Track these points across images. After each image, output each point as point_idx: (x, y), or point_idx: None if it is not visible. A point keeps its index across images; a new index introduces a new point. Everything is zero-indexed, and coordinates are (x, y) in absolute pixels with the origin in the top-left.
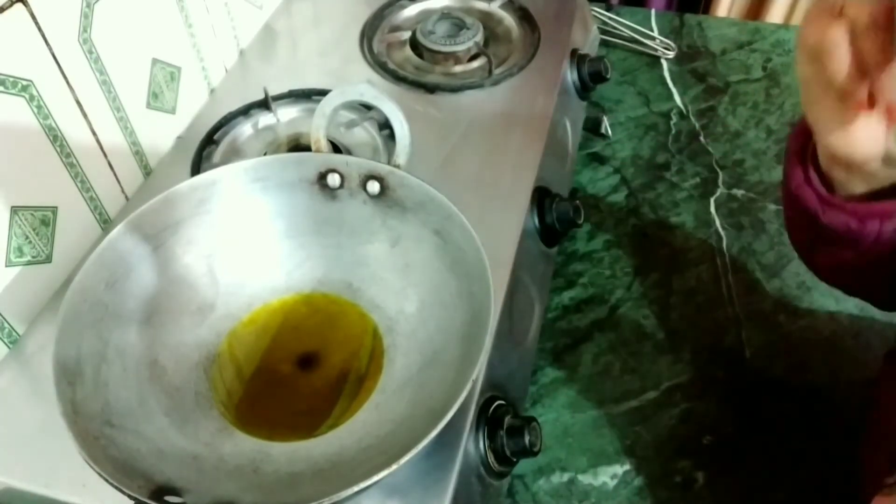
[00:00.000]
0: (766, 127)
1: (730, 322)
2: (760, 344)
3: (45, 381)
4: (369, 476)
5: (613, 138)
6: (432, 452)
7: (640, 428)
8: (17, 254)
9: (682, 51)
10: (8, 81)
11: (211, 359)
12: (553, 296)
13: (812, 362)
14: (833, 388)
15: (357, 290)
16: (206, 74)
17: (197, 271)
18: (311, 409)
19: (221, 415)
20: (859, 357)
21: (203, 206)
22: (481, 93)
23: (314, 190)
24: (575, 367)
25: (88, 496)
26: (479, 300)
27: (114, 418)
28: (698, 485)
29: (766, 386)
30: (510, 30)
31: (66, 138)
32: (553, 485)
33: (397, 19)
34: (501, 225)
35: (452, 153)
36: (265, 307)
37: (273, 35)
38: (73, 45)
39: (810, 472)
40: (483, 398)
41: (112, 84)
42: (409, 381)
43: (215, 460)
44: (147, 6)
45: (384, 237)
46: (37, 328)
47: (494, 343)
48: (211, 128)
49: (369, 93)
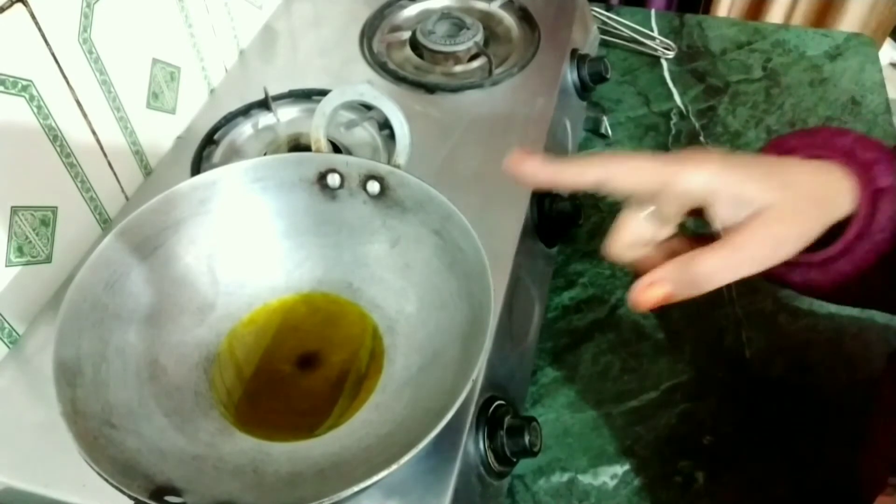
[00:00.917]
0: (766, 127)
1: (730, 322)
2: (760, 344)
3: (45, 381)
4: (369, 476)
5: (613, 138)
6: (432, 452)
7: (640, 428)
8: (17, 254)
9: (682, 51)
10: (8, 81)
11: (211, 359)
12: (553, 296)
13: (812, 362)
14: (833, 388)
15: (357, 289)
16: (206, 74)
17: (197, 271)
18: (311, 409)
19: (221, 415)
20: (859, 357)
21: (203, 205)
22: (481, 93)
23: (314, 190)
24: (575, 367)
25: (88, 496)
26: (479, 300)
27: (114, 418)
28: (698, 485)
29: (766, 386)
30: (510, 30)
31: (66, 138)
32: (553, 485)
33: (397, 19)
34: (501, 225)
35: (452, 153)
36: (265, 307)
37: (273, 35)
38: (73, 45)
39: (810, 473)
40: (483, 398)
41: (112, 84)
42: (409, 381)
43: (215, 460)
44: (147, 6)
45: (384, 237)
46: (37, 328)
47: (494, 343)
48: (211, 128)
49: (369, 93)
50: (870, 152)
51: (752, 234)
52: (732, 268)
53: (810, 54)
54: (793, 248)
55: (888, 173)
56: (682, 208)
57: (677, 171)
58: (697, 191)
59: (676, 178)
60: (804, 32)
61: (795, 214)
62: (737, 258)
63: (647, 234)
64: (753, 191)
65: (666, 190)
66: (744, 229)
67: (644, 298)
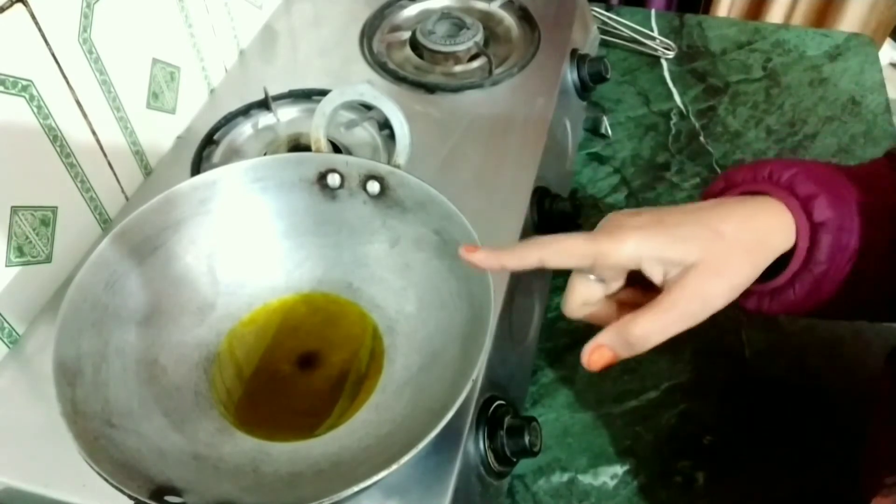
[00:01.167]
0: (766, 127)
1: (730, 322)
2: (760, 344)
3: (45, 381)
4: (369, 476)
5: (613, 138)
6: (432, 452)
7: (640, 428)
8: (17, 254)
9: (682, 51)
10: (8, 81)
11: (211, 359)
12: (553, 296)
13: (812, 362)
14: (833, 388)
15: (357, 289)
16: (206, 74)
17: (197, 271)
18: (311, 409)
19: (221, 415)
20: (859, 357)
21: (203, 205)
22: (481, 93)
23: (314, 190)
24: (575, 367)
25: (88, 496)
26: (479, 300)
27: (114, 418)
28: (698, 485)
29: (766, 386)
30: (510, 30)
31: (66, 138)
32: (553, 485)
33: (397, 19)
34: (501, 225)
35: (452, 153)
36: (265, 307)
37: (273, 35)
38: (73, 45)
39: (810, 472)
40: (483, 398)
41: (112, 84)
42: (409, 381)
43: (215, 460)
44: (147, 6)
45: (384, 237)
46: (37, 328)
47: (494, 343)
48: (211, 128)
49: (369, 93)
50: (809, 186)
51: (681, 292)
52: (663, 329)
53: (810, 54)
54: (723, 300)
55: (826, 206)
56: (619, 274)
57: (603, 249)
58: (626, 261)
59: (603, 254)
60: (804, 32)
61: (726, 266)
62: (666, 318)
63: (597, 293)
64: (679, 253)
65: (598, 263)
66: (675, 287)
67: (592, 361)
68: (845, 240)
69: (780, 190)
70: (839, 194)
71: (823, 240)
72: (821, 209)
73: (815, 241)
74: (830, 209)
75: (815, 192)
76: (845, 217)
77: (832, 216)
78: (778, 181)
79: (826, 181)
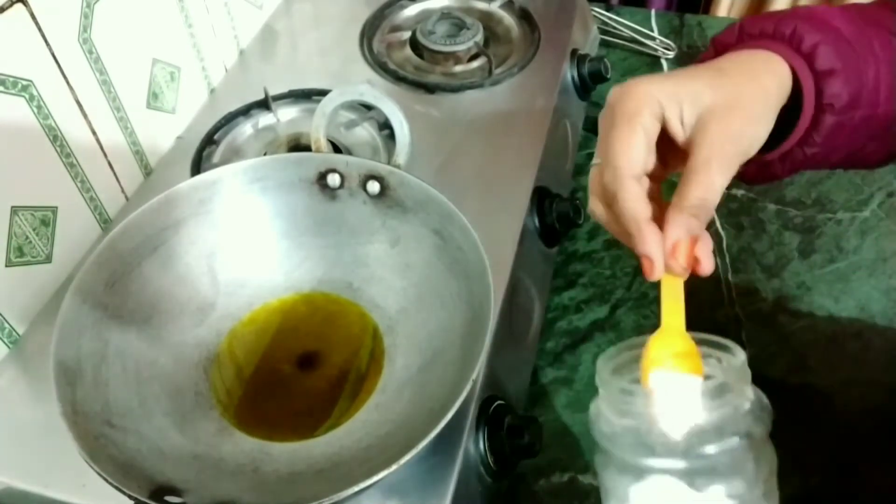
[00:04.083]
0: None
1: (730, 322)
2: (760, 344)
3: (45, 381)
4: (369, 476)
5: None
6: (432, 452)
7: None
8: (17, 254)
9: (682, 51)
10: (8, 81)
11: (211, 359)
12: (553, 296)
13: (812, 362)
14: (833, 388)
15: (357, 289)
16: (206, 74)
17: (197, 271)
18: (311, 409)
19: (221, 415)
20: (859, 357)
21: (203, 205)
22: (481, 93)
23: (314, 190)
24: (575, 367)
25: (88, 496)
26: (479, 300)
27: (114, 418)
28: None
29: (766, 386)
30: (510, 30)
31: (66, 138)
32: (553, 485)
33: (397, 19)
34: (501, 225)
35: (452, 153)
36: (265, 307)
37: (273, 35)
38: (73, 45)
39: (810, 472)
40: (483, 398)
41: (112, 84)
42: (409, 381)
43: (215, 460)
44: (147, 6)
45: (384, 237)
46: (37, 328)
47: (494, 343)
48: (211, 128)
49: (369, 93)
50: (814, 36)
51: (710, 141)
52: (710, 185)
53: None
54: (750, 133)
55: (829, 55)
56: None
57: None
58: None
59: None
60: None
61: (737, 99)
62: (710, 171)
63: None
64: (687, 87)
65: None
66: (700, 139)
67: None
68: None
69: (783, 43)
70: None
71: (832, 84)
72: (824, 57)
73: (822, 87)
74: (836, 58)
75: (818, 42)
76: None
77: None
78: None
79: (828, 28)
